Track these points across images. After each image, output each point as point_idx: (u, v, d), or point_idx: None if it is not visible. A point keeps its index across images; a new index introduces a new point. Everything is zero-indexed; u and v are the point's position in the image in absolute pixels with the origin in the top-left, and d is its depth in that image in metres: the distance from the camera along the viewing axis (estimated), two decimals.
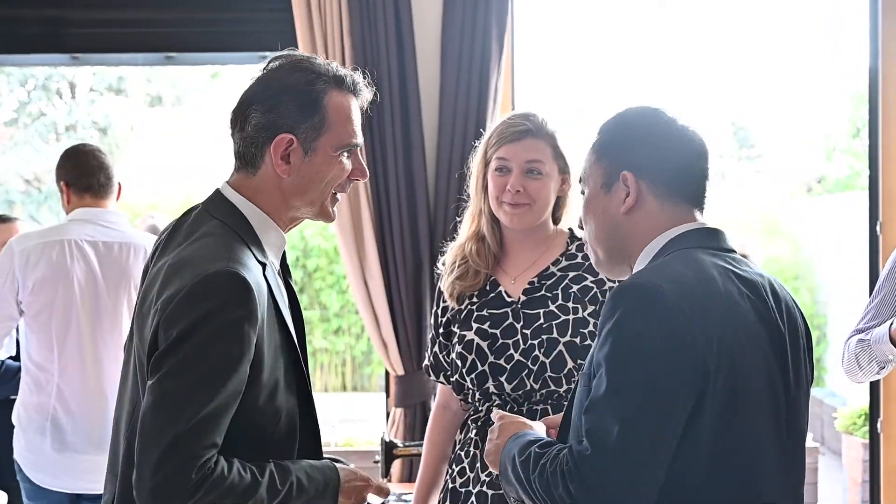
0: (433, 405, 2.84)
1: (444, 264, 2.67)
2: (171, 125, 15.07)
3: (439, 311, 2.68)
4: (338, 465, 2.01)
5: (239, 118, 1.97)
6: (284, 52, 2.02)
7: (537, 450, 1.79)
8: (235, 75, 15.20)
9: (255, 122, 1.93)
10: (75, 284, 3.43)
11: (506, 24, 4.12)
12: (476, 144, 2.68)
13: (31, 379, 3.48)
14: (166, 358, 1.79)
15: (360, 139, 2.00)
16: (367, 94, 2.02)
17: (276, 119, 1.92)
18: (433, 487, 2.69)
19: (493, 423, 2.00)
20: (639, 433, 1.67)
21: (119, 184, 3.62)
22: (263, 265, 1.92)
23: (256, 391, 1.85)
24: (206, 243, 1.89)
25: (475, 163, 2.63)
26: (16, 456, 3.50)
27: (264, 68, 1.99)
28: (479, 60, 4.08)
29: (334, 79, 1.96)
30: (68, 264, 3.43)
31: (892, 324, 2.82)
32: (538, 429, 1.99)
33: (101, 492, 3.40)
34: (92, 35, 4.62)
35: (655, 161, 1.88)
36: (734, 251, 1.92)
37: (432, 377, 2.72)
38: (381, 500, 2.09)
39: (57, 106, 15.00)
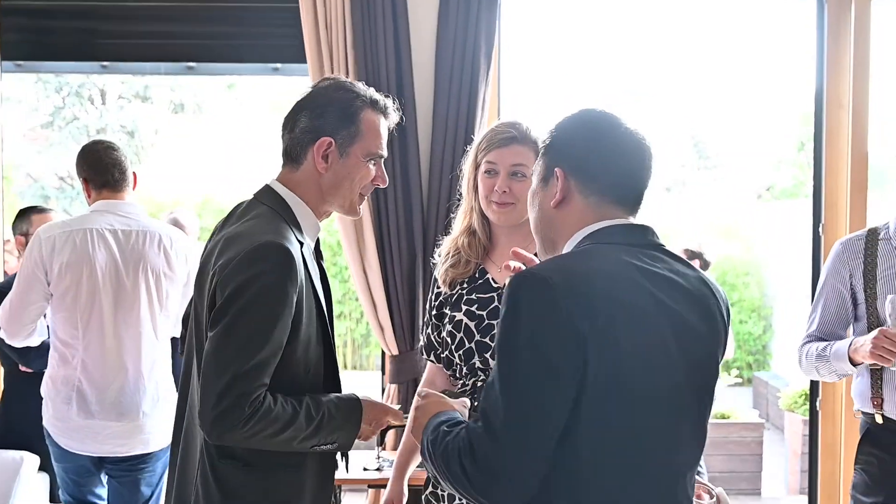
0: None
1: (440, 255, 2.68)
2: (192, 130, 15.03)
3: (433, 297, 2.68)
4: (360, 396, 2.18)
5: (290, 122, 2.15)
6: (332, 76, 2.26)
7: (445, 428, 1.73)
8: (249, 87, 15.19)
9: (303, 126, 2.12)
10: (97, 268, 3.41)
11: (493, 42, 4.10)
12: (467, 149, 2.68)
13: (58, 354, 3.46)
14: (224, 312, 1.97)
15: (385, 152, 2.20)
16: (394, 118, 2.22)
17: (320, 125, 2.11)
18: (413, 454, 2.67)
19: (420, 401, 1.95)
20: (523, 415, 1.60)
21: (134, 174, 3.60)
22: (301, 243, 2.09)
23: (295, 345, 2.04)
24: (257, 222, 2.07)
25: (467, 165, 2.63)
26: (45, 423, 3.49)
27: (314, 86, 2.20)
28: (469, 73, 4.05)
29: (370, 100, 2.15)
30: (90, 250, 3.41)
31: (850, 345, 2.91)
32: (459, 407, 1.91)
33: (123, 455, 3.45)
34: (120, 45, 4.59)
35: (587, 161, 1.79)
36: (662, 246, 1.81)
37: (424, 356, 2.72)
38: (401, 424, 2.26)
39: (89, 111, 14.96)
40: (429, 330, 2.68)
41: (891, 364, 2.81)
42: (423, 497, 2.63)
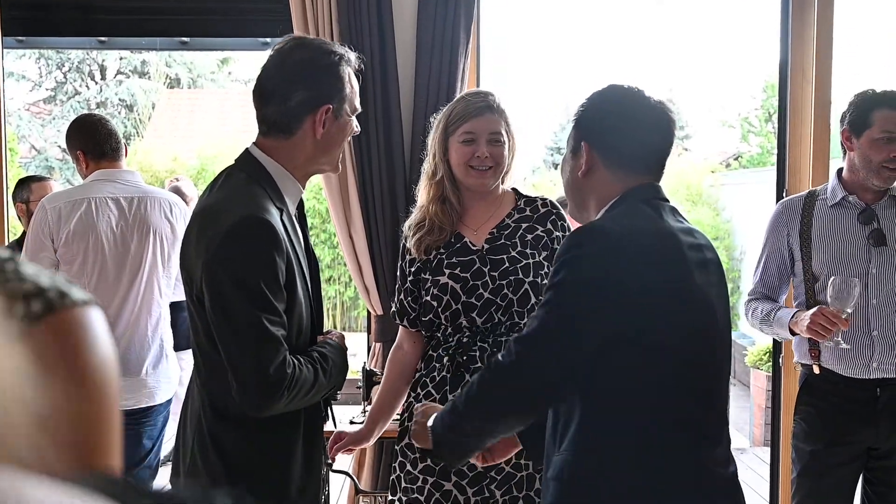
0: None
1: (409, 227, 2.64)
2: (187, 104, 14.93)
3: (405, 264, 2.65)
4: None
5: (278, 95, 2.07)
6: (296, 36, 2.16)
7: (452, 397, 1.83)
8: (240, 63, 15.06)
9: (300, 98, 2.05)
10: (102, 235, 3.42)
11: (472, 16, 4.06)
12: (431, 123, 2.65)
13: None
14: (223, 294, 1.91)
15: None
16: (355, 63, 2.16)
17: (318, 94, 2.06)
18: (387, 410, 2.69)
19: (417, 414, 2.01)
20: (557, 325, 1.71)
21: (125, 144, 3.60)
22: (280, 210, 2.03)
23: (291, 311, 2.00)
24: (234, 192, 2.01)
25: (436, 138, 2.60)
26: None
27: (280, 49, 2.09)
28: (448, 46, 4.02)
29: (347, 58, 2.12)
30: (95, 219, 3.42)
31: (792, 316, 2.97)
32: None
33: (128, 408, 3.50)
34: (118, 20, 4.53)
35: (610, 136, 1.89)
36: (669, 202, 1.91)
37: (397, 321, 2.69)
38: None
39: (89, 86, 14.85)
40: (402, 296, 2.65)
41: (825, 340, 2.85)
42: (397, 448, 2.63)
